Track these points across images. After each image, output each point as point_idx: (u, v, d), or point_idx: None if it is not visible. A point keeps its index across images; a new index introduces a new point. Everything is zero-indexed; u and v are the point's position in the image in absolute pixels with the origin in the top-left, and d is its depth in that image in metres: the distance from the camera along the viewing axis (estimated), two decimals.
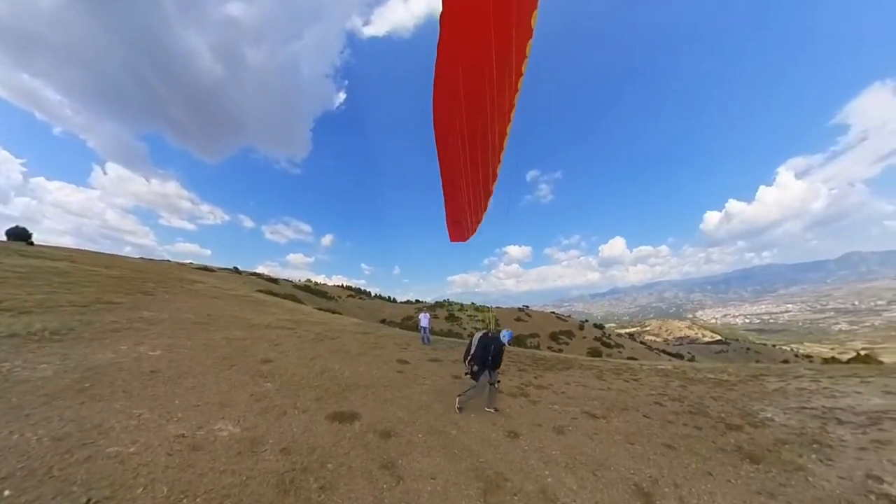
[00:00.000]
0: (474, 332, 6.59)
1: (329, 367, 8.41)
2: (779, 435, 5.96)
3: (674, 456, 5.17)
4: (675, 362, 19.95)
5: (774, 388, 9.08)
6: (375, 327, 20.03)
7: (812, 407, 7.38)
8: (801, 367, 12.73)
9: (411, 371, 9.27)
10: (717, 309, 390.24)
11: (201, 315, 13.05)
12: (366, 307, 79.80)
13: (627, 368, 12.70)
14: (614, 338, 77.52)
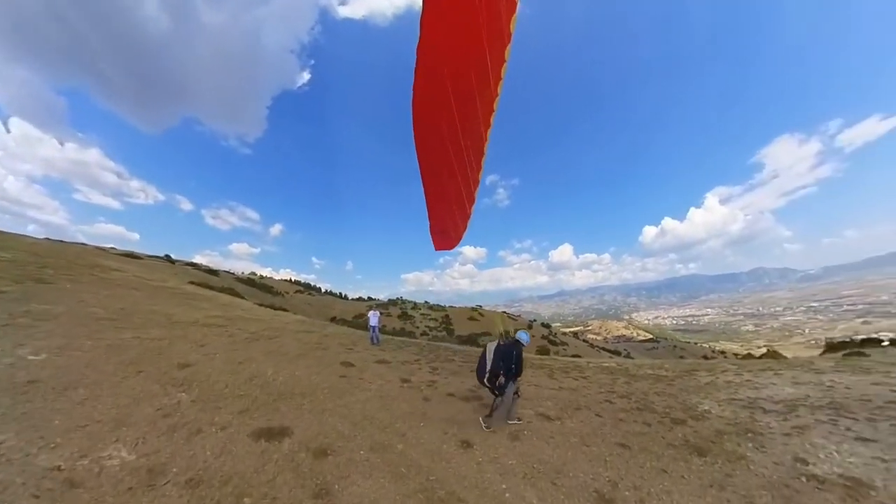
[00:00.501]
0: (487, 345, 6.07)
1: (261, 372, 7.44)
2: (718, 426, 6.23)
3: (629, 455, 5.11)
4: (617, 359, 21.05)
5: (706, 382, 9.67)
6: (321, 326, 18.77)
7: (740, 398, 7.95)
8: (726, 363, 13.91)
9: (356, 375, 8.55)
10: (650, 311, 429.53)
11: (112, 309, 11.20)
12: (315, 304, 76.11)
13: (575, 366, 12.95)
14: (560, 336, 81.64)
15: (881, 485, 4.16)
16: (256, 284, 72.63)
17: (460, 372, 10.28)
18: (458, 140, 6.10)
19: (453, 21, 4.65)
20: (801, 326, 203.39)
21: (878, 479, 4.29)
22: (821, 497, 4.01)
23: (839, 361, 12.81)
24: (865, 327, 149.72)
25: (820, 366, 11.51)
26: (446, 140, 6.00)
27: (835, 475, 4.43)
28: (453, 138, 6.02)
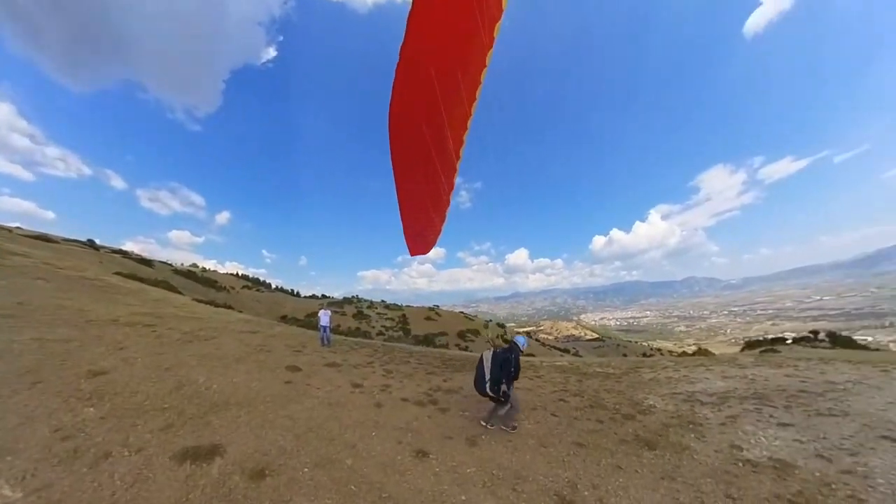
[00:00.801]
0: (483, 353, 5.91)
1: (191, 380, 6.60)
2: (663, 420, 6.57)
3: (586, 454, 5.14)
4: (568, 358, 21.81)
5: (650, 378, 10.22)
6: (268, 325, 17.51)
7: (679, 392, 8.48)
8: (665, 360, 14.89)
9: (302, 380, 7.92)
10: (597, 313, 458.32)
11: (7, 304, 9.54)
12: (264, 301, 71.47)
13: (530, 365, 13.13)
14: (513, 336, 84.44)
15: (802, 464, 4.69)
16: (198, 278, 66.78)
17: (415, 374, 9.97)
18: (436, 142, 5.95)
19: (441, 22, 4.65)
20: (723, 327, 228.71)
21: (799, 459, 4.84)
22: (755, 479, 4.37)
23: (757, 357, 14.25)
24: (774, 328, 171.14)
25: (742, 361, 12.69)
26: (424, 141, 5.84)
27: (765, 458, 4.90)
28: (431, 140, 5.87)
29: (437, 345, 43.74)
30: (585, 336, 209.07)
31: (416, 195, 6.98)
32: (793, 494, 4.00)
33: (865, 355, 14.29)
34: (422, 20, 4.37)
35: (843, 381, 8.62)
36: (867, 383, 8.28)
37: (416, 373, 10.20)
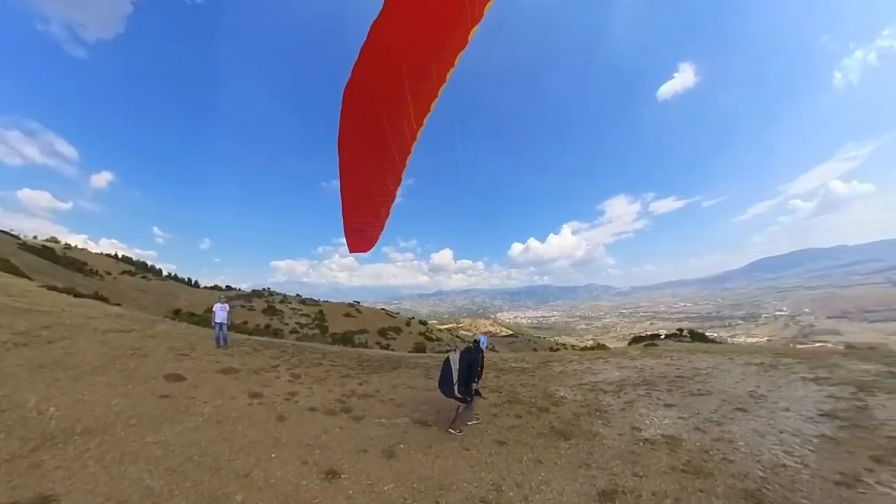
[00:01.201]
0: (449, 354, 5.89)
1: (16, 401, 4.97)
2: (574, 409, 6.99)
3: (507, 452, 5.11)
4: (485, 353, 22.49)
5: (559, 371, 10.93)
6: (148, 322, 14.62)
7: (585, 383, 9.19)
8: (571, 354, 16.21)
9: (185, 393, 6.62)
10: (512, 312, 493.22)
11: None
12: (152, 291, 60.33)
13: None
14: (435, 332, 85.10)
15: (686, 437, 5.47)
16: (57, 257, 53.67)
17: (328, 378, 9.12)
18: (394, 133, 5.63)
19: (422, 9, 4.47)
20: (615, 326, 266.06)
21: (683, 433, 5.62)
22: (654, 455, 4.92)
23: (643, 350, 16.24)
24: (652, 326, 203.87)
25: (632, 354, 14.33)
26: (380, 130, 5.51)
27: (658, 436, 5.55)
28: (389, 130, 5.55)
29: (355, 344, 41.92)
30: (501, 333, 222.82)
31: (363, 187, 6.52)
32: (683, 464, 4.62)
33: (715, 347, 17.49)
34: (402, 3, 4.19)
35: (704, 367, 10.26)
36: (721, 368, 10.00)
37: (329, 376, 9.35)
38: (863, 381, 7.60)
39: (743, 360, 10.87)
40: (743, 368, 9.72)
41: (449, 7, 4.53)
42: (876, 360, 9.71)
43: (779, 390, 7.53)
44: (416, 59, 4.93)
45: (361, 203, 6.89)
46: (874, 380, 7.73)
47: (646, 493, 3.99)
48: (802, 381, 8.10)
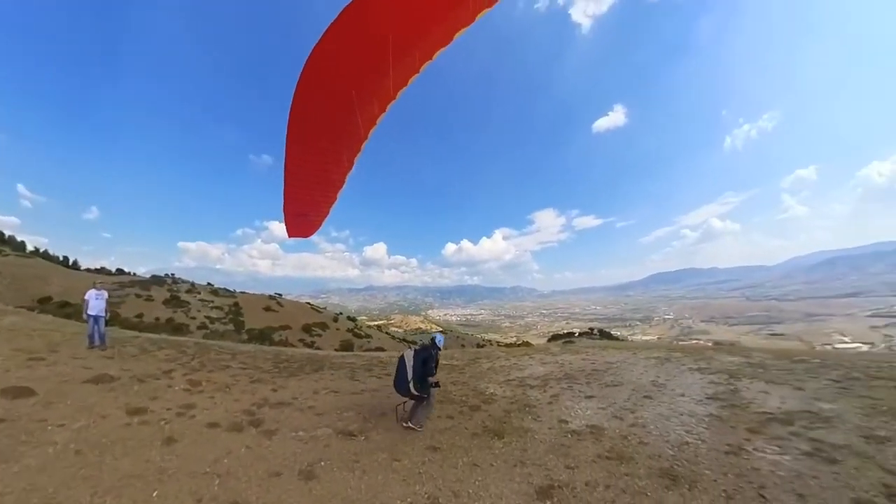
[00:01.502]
0: (403, 352, 5.91)
1: None
2: (504, 406, 7.03)
3: (442, 459, 4.80)
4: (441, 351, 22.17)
5: (488, 367, 11.05)
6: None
7: (513, 379, 9.36)
8: (498, 351, 16.75)
9: (32, 413, 5.12)
10: (442, 310, 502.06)
11: None
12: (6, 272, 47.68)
13: (378, 362, 12.53)
14: (365, 329, 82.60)
15: (607, 425, 5.87)
16: None
17: (235, 384, 7.94)
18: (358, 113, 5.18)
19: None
20: (536, 324, 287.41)
21: (604, 422, 6.01)
22: (582, 445, 5.15)
23: (562, 347, 17.53)
24: (568, 326, 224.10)
25: (553, 350, 15.31)
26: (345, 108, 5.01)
27: (584, 426, 5.84)
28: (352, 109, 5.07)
29: (274, 341, 38.38)
30: (431, 329, 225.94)
31: (313, 167, 5.93)
32: (608, 451, 4.90)
33: (621, 344, 19.71)
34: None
35: (615, 361, 11.26)
36: (628, 362, 11.04)
37: (237, 382, 8.14)
38: (731, 370, 9.16)
39: (644, 355, 12.16)
40: (645, 362, 10.85)
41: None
42: (737, 353, 11.76)
43: (674, 379, 8.67)
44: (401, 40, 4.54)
45: (309, 184, 6.39)
46: (738, 368, 9.39)
47: (580, 485, 4.07)
48: (690, 371, 9.45)
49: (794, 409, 6.16)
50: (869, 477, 4.04)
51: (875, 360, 10.08)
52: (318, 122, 5.23)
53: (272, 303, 72.80)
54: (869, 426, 5.37)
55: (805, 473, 4.16)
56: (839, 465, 4.31)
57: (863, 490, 3.81)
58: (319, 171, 6.14)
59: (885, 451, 4.58)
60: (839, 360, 9.98)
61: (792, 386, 7.60)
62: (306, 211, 7.02)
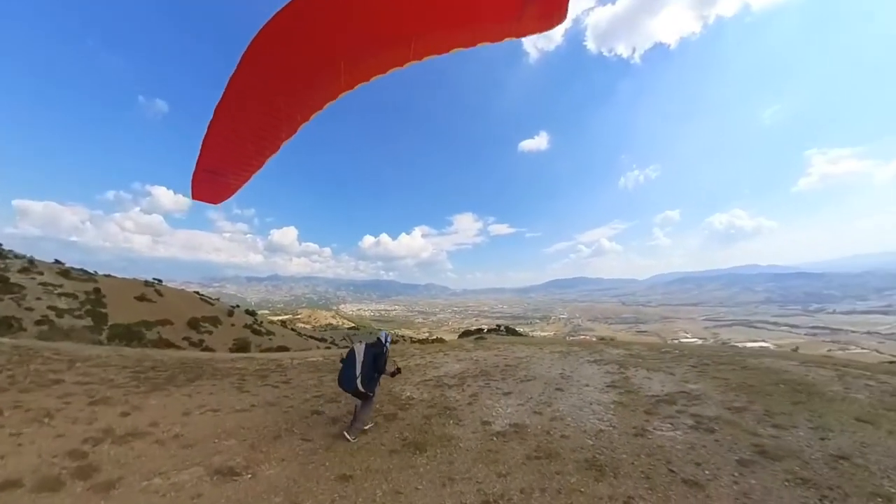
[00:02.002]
0: (354, 346, 5.52)
1: None
2: (423, 411, 6.56)
3: (355, 489, 3.96)
4: (323, 351, 20.74)
5: (402, 366, 10.66)
6: None
7: (429, 378, 9.06)
8: (413, 347, 16.47)
9: None
10: (355, 304, 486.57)
11: None
12: None
13: (277, 366, 10.98)
14: (266, 325, 74.53)
15: (528, 422, 5.88)
16: None
17: (66, 408, 5.87)
18: (321, 73, 4.88)
19: None
20: (447, 321, 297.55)
21: (525, 419, 6.02)
22: (509, 447, 4.96)
23: (475, 343, 18.01)
24: (477, 322, 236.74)
25: (467, 346, 15.52)
26: (308, 63, 4.73)
27: (507, 426, 5.72)
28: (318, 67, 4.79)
29: (146, 341, 31.47)
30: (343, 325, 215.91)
31: (246, 123, 5.17)
32: (535, 450, 4.81)
33: (526, 340, 21.21)
34: None
35: (524, 356, 11.85)
36: (536, 357, 11.65)
37: (67, 405, 6.00)
38: (619, 360, 10.49)
39: (548, 350, 13.13)
40: (550, 356, 11.66)
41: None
42: (620, 347, 13.69)
43: (577, 371, 9.43)
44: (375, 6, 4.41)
45: (234, 142, 5.51)
46: (624, 359, 10.76)
47: (515, 495, 3.81)
48: (588, 363, 10.44)
49: (673, 391, 7.24)
50: (741, 440, 4.95)
51: (714, 351, 13.06)
52: (272, 75, 4.72)
53: (149, 290, 60.83)
54: (727, 399, 6.65)
55: (696, 444, 4.88)
56: (717, 433, 5.19)
57: (740, 451, 4.64)
58: (255, 131, 5.30)
59: (745, 418, 5.71)
60: (692, 351, 12.49)
61: (665, 372, 8.95)
62: (223, 169, 5.87)
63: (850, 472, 4.11)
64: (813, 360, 10.16)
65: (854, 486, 3.86)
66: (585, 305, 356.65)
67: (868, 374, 8.28)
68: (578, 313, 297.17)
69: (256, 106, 5.03)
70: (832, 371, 8.58)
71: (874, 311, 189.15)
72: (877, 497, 3.66)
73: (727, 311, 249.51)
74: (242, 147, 5.55)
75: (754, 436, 5.10)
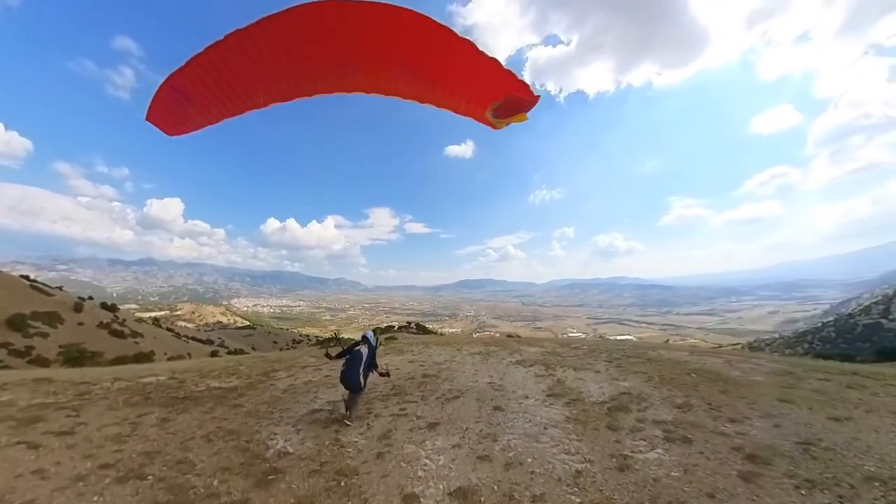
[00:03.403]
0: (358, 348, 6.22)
1: None
2: (305, 483, 4.04)
3: None
4: (175, 363, 14.92)
5: (285, 388, 8.01)
6: None
7: (318, 408, 6.57)
8: (307, 356, 13.28)
9: None
10: (251, 299, 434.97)
11: None
12: None
13: (77, 396, 7.25)
14: (132, 324, 58.98)
15: (477, 480, 4.13)
16: None
17: None
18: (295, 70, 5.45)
19: None
20: (357, 318, 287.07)
21: (471, 474, 4.22)
22: None
23: (384, 344, 15.44)
24: (388, 319, 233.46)
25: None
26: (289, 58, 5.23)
27: (444, 497, 3.80)
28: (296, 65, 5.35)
29: None
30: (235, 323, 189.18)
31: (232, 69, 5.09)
32: None
33: (441, 339, 19.87)
34: None
35: (443, 361, 10.51)
36: (455, 361, 10.48)
37: None
38: (541, 360, 10.01)
39: (466, 350, 12.18)
40: (471, 360, 10.67)
41: None
42: (535, 344, 13.45)
43: (507, 377, 8.44)
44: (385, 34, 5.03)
45: (216, 75, 5.14)
46: (545, 358, 10.32)
47: None
48: (512, 365, 9.74)
49: (614, 394, 6.69)
50: (720, 446, 4.49)
51: (615, 345, 13.56)
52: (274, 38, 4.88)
53: None
54: (666, 396, 6.29)
55: (687, 465, 4.17)
56: (695, 443, 4.63)
57: (731, 462, 4.16)
58: (237, 79, 5.31)
59: (699, 416, 5.32)
60: (596, 346, 12.84)
61: (590, 370, 8.51)
62: (195, 95, 5.32)
63: (828, 459, 4.08)
64: (697, 350, 11.14)
65: (845, 474, 3.79)
66: (490, 305, 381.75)
67: (737, 358, 9.19)
68: (484, 312, 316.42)
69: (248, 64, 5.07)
70: (716, 358, 9.40)
71: (703, 314, 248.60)
72: (872, 481, 3.63)
73: (603, 312, 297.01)
74: (218, 86, 5.27)
75: (725, 437, 4.76)
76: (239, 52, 4.89)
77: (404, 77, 5.68)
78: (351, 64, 5.42)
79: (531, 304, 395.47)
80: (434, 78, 5.64)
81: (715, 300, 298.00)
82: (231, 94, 5.43)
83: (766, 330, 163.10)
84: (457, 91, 5.81)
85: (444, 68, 5.37)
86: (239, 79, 5.23)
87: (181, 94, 5.11)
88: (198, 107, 5.38)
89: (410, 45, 5.10)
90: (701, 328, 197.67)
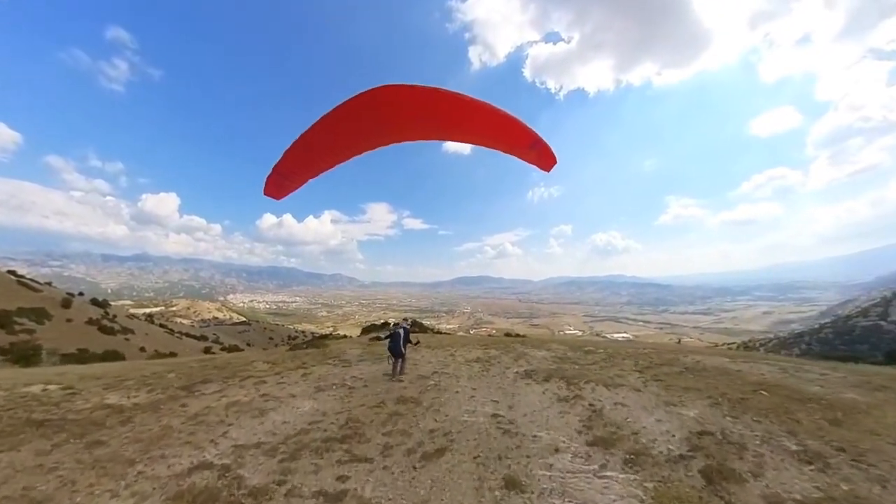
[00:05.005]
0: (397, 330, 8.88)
1: None
2: None
3: None
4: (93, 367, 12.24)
5: (193, 415, 6.01)
6: None
7: (224, 450, 4.55)
8: (260, 361, 11.19)
9: None
10: (247, 294, 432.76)
11: None
12: None
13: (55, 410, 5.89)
14: (123, 320, 56.80)
15: None
16: None
17: None
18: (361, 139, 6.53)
19: None
20: (354, 314, 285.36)
21: None
22: None
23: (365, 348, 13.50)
24: (384, 315, 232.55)
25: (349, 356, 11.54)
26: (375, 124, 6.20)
27: None
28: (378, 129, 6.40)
29: None
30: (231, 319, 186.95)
31: (320, 146, 6.43)
32: None
33: (436, 339, 15.95)
34: None
35: (432, 373, 8.93)
36: (447, 372, 9.00)
37: None
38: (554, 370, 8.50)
39: (462, 356, 10.81)
40: (467, 369, 9.30)
41: None
42: (541, 347, 12.00)
43: (518, 402, 6.39)
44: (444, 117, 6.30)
45: (305, 158, 6.66)
46: (557, 367, 8.89)
47: None
48: (520, 378, 8.07)
49: (688, 434, 4.62)
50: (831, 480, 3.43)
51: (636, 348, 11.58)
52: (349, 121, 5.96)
53: None
54: (767, 437, 4.41)
55: None
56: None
57: None
58: (321, 153, 6.61)
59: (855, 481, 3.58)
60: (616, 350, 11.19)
61: (626, 386, 6.86)
62: (290, 175, 6.92)
63: None
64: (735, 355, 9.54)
65: None
66: (488, 301, 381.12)
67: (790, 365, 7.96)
68: (481, 308, 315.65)
69: (325, 142, 6.28)
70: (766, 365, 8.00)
71: (698, 313, 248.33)
72: None
73: (600, 310, 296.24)
74: (305, 163, 6.72)
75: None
76: (321, 132, 5.99)
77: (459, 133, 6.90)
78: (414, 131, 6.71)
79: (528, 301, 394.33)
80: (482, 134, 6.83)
81: (710, 300, 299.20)
82: (316, 167, 7.00)
83: (760, 330, 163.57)
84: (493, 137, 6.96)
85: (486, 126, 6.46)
86: (322, 156, 6.74)
87: (280, 174, 6.68)
88: (291, 178, 6.93)
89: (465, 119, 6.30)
90: (696, 327, 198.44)
